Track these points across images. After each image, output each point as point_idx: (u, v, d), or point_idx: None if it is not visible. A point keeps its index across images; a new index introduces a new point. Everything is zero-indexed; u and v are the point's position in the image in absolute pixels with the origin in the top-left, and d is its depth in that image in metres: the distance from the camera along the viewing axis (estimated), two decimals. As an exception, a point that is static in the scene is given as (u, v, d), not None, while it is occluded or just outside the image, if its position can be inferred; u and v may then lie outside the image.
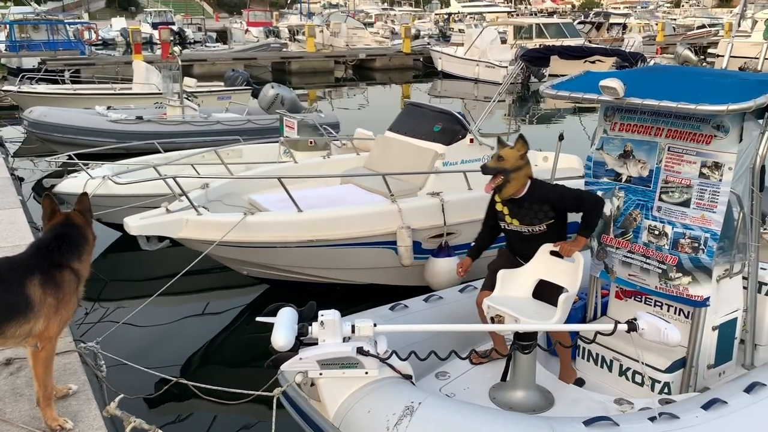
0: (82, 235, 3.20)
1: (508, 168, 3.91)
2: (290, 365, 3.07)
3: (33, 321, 2.93)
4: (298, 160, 8.20)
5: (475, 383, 4.18)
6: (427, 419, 3.03)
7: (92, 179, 7.69)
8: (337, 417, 3.20)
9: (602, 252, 4.25)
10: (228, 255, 6.09)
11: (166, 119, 12.88)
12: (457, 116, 6.90)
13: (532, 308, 3.91)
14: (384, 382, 3.24)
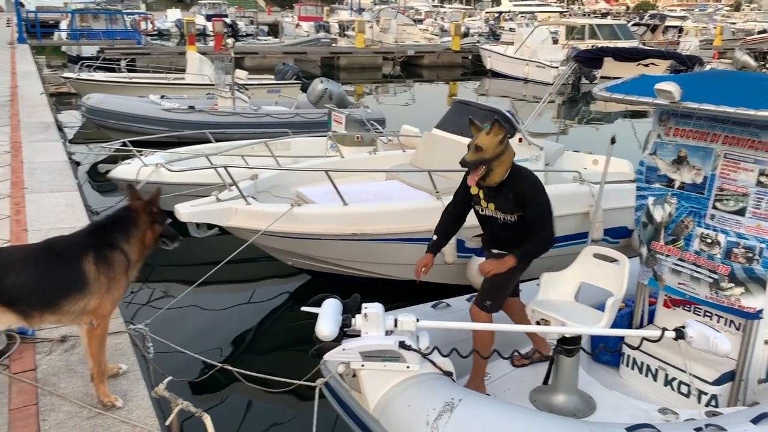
0: (132, 220, 3.28)
1: (488, 157, 3.71)
2: (333, 355, 3.10)
3: (87, 298, 3.03)
4: (345, 154, 8.26)
5: (516, 385, 4.17)
6: (467, 416, 3.03)
7: (145, 166, 7.91)
8: (377, 409, 3.23)
9: (651, 259, 4.17)
10: (274, 245, 6.18)
11: (217, 110, 13.12)
12: (506, 115, 6.83)
13: (577, 312, 3.86)
14: (425, 377, 3.25)
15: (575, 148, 8.76)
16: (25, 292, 2.93)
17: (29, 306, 2.96)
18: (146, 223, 3.32)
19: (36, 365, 3.56)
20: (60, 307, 3.01)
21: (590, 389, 4.05)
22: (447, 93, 26.80)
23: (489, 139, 3.73)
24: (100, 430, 3.02)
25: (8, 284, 2.92)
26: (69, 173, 7.54)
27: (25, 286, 2.94)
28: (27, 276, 2.96)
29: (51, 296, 2.98)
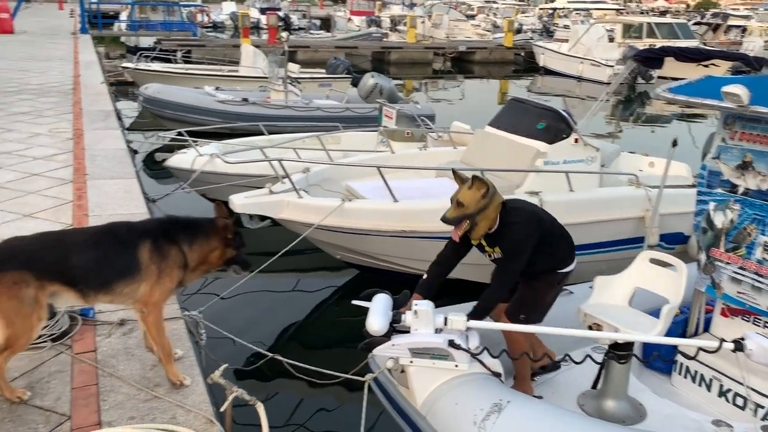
0: (204, 232, 3.34)
1: (470, 212, 3.54)
2: (382, 350, 3.12)
3: (137, 283, 3.13)
4: (395, 150, 8.27)
5: (563, 388, 4.11)
6: (515, 418, 3.00)
7: (200, 156, 8.09)
8: (424, 406, 3.23)
9: (710, 266, 4.05)
10: (323, 238, 6.24)
11: (270, 103, 13.29)
12: (562, 114, 6.71)
13: (630, 317, 3.78)
14: (473, 376, 3.24)
15: (629, 149, 8.56)
16: (84, 273, 3.05)
17: (87, 286, 3.08)
18: (217, 242, 3.36)
19: (96, 347, 3.69)
20: (113, 288, 3.12)
21: (640, 396, 3.96)
22: (498, 90, 26.52)
23: (471, 194, 3.56)
24: (156, 413, 3.11)
25: (71, 264, 3.04)
26: (128, 161, 7.76)
27: (85, 266, 3.06)
28: (88, 257, 3.08)
29: (105, 278, 3.09)
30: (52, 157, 7.72)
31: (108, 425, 3.00)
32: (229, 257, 3.42)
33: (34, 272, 2.93)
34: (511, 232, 3.63)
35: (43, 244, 3.09)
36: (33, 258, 2.97)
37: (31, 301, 2.93)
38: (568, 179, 6.25)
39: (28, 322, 2.94)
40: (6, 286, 2.88)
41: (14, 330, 2.93)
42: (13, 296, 2.89)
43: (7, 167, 7.21)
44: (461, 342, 3.12)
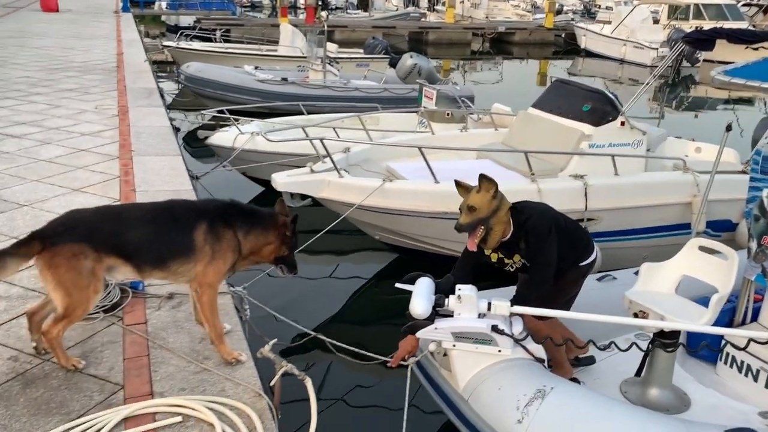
0: (263, 224, 3.32)
1: (484, 216, 3.38)
2: (425, 334, 3.12)
3: (192, 263, 3.16)
4: (435, 131, 8.21)
5: (606, 375, 4.05)
6: (558, 404, 2.97)
7: (241, 134, 8.17)
8: (466, 389, 3.23)
9: (761, 254, 3.95)
10: (363, 218, 6.26)
11: (308, 82, 13.32)
12: (609, 96, 6.58)
13: (677, 306, 3.70)
14: (517, 362, 3.22)
15: (674, 134, 8.36)
16: (139, 248, 3.11)
17: (142, 261, 3.14)
18: (274, 237, 3.35)
19: (146, 319, 3.78)
20: (168, 266, 3.16)
21: (684, 385, 3.90)
22: (537, 72, 26.10)
23: (480, 197, 3.42)
24: (206, 385, 3.17)
25: (128, 239, 3.10)
26: (172, 138, 7.87)
27: (140, 242, 3.12)
28: (143, 233, 3.13)
29: (160, 255, 3.14)
30: (98, 133, 7.88)
31: (160, 396, 3.08)
32: (281, 255, 3.40)
33: (92, 245, 3.00)
34: (529, 231, 3.47)
35: (102, 218, 3.15)
36: (91, 230, 3.04)
37: (88, 273, 3.00)
38: (613, 163, 6.14)
39: (85, 294, 3.02)
40: (65, 258, 2.95)
41: (72, 300, 3.02)
42: (72, 268, 2.96)
43: (56, 142, 7.38)
44: (505, 327, 3.12)
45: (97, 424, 2.83)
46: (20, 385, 3.11)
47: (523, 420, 2.95)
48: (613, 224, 6.12)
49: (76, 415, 2.91)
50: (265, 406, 3.02)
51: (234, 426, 2.87)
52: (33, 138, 7.53)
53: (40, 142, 7.39)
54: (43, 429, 2.80)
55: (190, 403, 2.98)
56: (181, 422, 2.89)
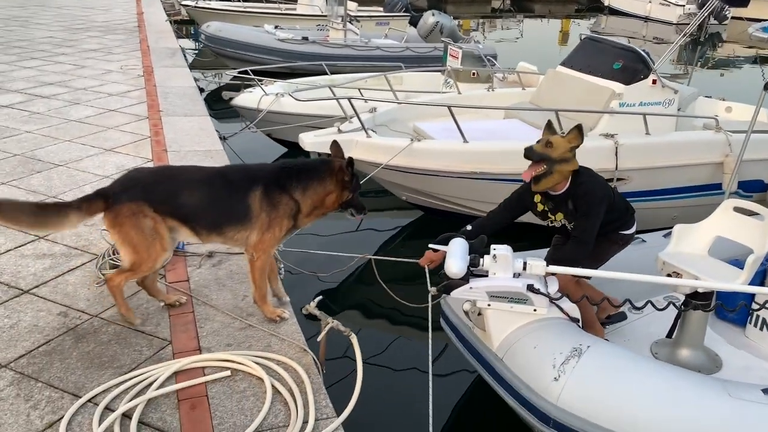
0: (319, 176, 3.27)
1: (554, 157, 3.43)
2: (461, 293, 3.11)
3: (248, 230, 3.18)
4: (461, 90, 8.14)
5: (636, 335, 4.03)
6: (595, 362, 2.96)
7: (266, 95, 8.14)
8: (501, 348, 3.23)
9: None
10: (391, 179, 6.26)
11: (329, 42, 13.18)
12: (641, 54, 6.45)
13: (711, 267, 3.67)
14: (552, 321, 3.20)
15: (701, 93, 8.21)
16: (194, 212, 3.15)
17: (198, 225, 3.18)
18: (333, 184, 3.30)
19: (188, 277, 3.87)
20: (224, 231, 3.19)
21: (716, 346, 3.87)
22: (559, 30, 25.57)
23: (562, 141, 3.49)
24: (251, 341, 3.26)
25: (181, 202, 3.14)
26: (198, 98, 7.90)
27: (196, 206, 3.15)
28: (199, 197, 3.16)
29: (216, 220, 3.16)
30: (126, 94, 7.92)
31: (207, 351, 3.18)
32: (345, 200, 3.37)
33: (149, 204, 3.06)
34: (583, 194, 3.51)
35: (158, 178, 3.19)
36: (148, 190, 3.09)
37: (150, 231, 3.07)
38: (645, 122, 6.06)
39: (151, 250, 3.09)
40: (126, 216, 3.03)
41: (138, 257, 3.10)
42: (134, 225, 3.04)
43: (85, 103, 7.44)
44: (540, 287, 3.09)
45: (150, 377, 2.94)
46: (72, 340, 3.21)
47: (559, 378, 2.94)
48: (643, 184, 6.08)
49: (128, 369, 3.01)
50: (310, 361, 3.11)
51: (282, 380, 2.96)
52: (62, 98, 7.59)
53: (69, 102, 7.44)
54: (97, 382, 2.91)
55: (238, 357, 3.08)
56: (230, 376, 2.98)
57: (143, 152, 5.90)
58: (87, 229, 4.39)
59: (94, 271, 3.86)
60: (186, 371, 3.01)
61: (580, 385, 2.90)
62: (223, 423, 2.69)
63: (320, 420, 2.74)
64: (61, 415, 2.68)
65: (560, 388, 2.92)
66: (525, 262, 3.04)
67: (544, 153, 3.46)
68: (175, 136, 6.35)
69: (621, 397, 2.84)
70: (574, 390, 2.89)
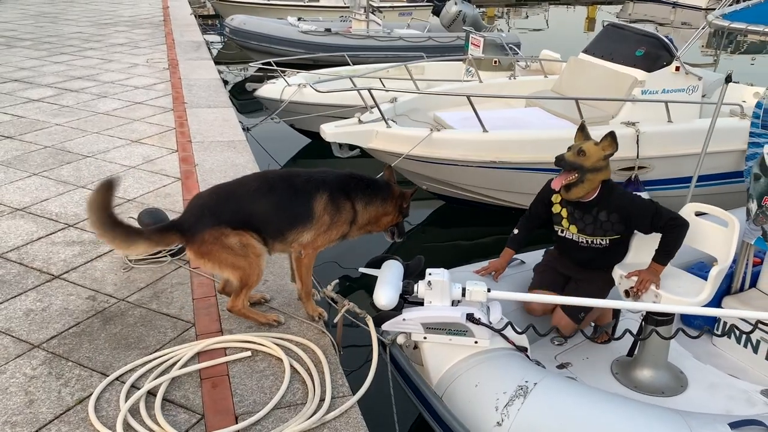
0: (381, 196, 3.29)
1: (586, 166, 3.28)
2: (393, 326, 2.80)
3: (307, 232, 3.18)
4: (482, 79, 8.14)
5: (596, 353, 3.72)
6: (542, 403, 2.63)
7: (288, 86, 8.25)
8: (440, 385, 2.90)
9: (762, 216, 3.67)
10: (411, 168, 6.32)
11: (352, 33, 13.25)
12: (663, 40, 6.39)
13: (673, 279, 3.33)
14: (495, 353, 2.87)
15: (735, 80, 8.09)
16: (263, 220, 3.13)
17: (266, 233, 3.16)
18: (392, 207, 3.33)
19: (211, 262, 3.96)
20: (286, 237, 3.17)
21: (681, 362, 3.58)
22: (585, 17, 25.26)
23: (596, 149, 3.34)
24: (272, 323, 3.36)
25: (250, 213, 3.11)
26: (222, 90, 8.02)
27: (263, 214, 3.13)
28: (265, 206, 3.13)
29: (280, 226, 3.15)
30: (151, 87, 8.08)
31: (228, 333, 3.28)
32: (394, 222, 3.40)
33: (226, 225, 3.06)
34: (633, 198, 3.46)
35: (221, 199, 3.15)
36: (218, 213, 3.08)
37: (239, 246, 3.08)
38: (667, 109, 6.01)
39: (250, 261, 3.11)
40: (210, 243, 3.04)
41: (242, 271, 3.12)
42: (222, 247, 3.05)
43: (112, 96, 7.61)
44: (481, 316, 2.75)
45: (174, 357, 3.04)
46: (100, 322, 3.34)
47: (503, 422, 2.62)
48: (665, 172, 6.05)
49: (153, 350, 3.13)
50: (328, 342, 3.19)
51: (300, 360, 3.04)
52: (90, 92, 7.78)
53: (97, 96, 7.63)
54: (124, 361, 3.03)
55: (258, 339, 3.17)
56: (250, 357, 3.08)
57: (168, 143, 6.04)
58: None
59: (121, 257, 3.98)
60: (208, 352, 3.11)
61: (525, 431, 2.60)
62: (243, 400, 2.79)
63: (336, 398, 2.82)
64: (90, 392, 2.80)
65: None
66: (464, 288, 2.75)
67: (576, 162, 3.30)
68: (199, 127, 6.48)
69: None
70: None
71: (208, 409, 2.73)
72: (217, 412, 2.71)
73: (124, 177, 5.24)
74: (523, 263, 3.94)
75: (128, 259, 3.94)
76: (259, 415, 2.68)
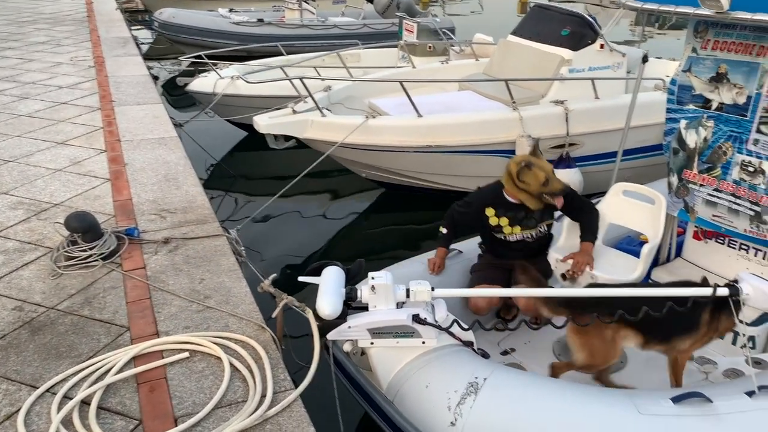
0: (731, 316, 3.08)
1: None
2: (338, 334, 2.73)
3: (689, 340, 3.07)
4: (416, 65, 8.17)
5: (537, 337, 3.72)
6: (493, 398, 2.63)
7: (221, 79, 8.08)
8: (390, 389, 2.86)
9: (683, 189, 3.79)
10: (349, 157, 6.30)
11: (285, 22, 13.07)
12: (587, 19, 6.55)
13: (606, 259, 3.45)
14: (443, 351, 2.86)
15: (656, 55, 8.37)
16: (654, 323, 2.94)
17: (652, 335, 3.08)
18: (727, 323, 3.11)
19: (145, 264, 3.87)
20: (671, 342, 3.09)
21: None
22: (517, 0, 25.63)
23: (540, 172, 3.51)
24: (209, 322, 3.30)
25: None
26: (152, 87, 7.80)
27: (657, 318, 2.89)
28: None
29: (669, 331, 3.06)
30: (76, 86, 7.78)
31: (165, 335, 3.21)
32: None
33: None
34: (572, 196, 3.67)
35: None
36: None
37: (610, 340, 3.03)
38: (593, 86, 6.17)
39: (606, 357, 3.08)
40: (594, 326, 2.95)
41: (594, 360, 3.08)
42: (597, 334, 3.01)
43: (34, 97, 7.30)
44: (427, 316, 2.74)
45: (108, 363, 2.96)
46: (28, 333, 3.22)
47: (456, 422, 2.61)
48: (594, 148, 6.22)
49: (86, 357, 3.03)
50: (268, 338, 3.16)
51: (240, 358, 3.01)
52: (10, 94, 7.44)
53: (18, 97, 7.30)
54: (55, 372, 2.92)
55: (195, 339, 3.11)
56: (188, 357, 3.02)
57: (96, 144, 5.84)
58: (41, 223, 4.37)
59: (48, 264, 3.85)
60: (144, 355, 3.04)
61: (479, 428, 2.60)
62: (182, 402, 2.74)
63: (279, 393, 2.80)
64: (19, 406, 2.70)
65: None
66: (408, 289, 2.71)
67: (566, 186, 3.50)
68: (129, 126, 6.29)
69: None
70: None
71: (146, 414, 2.67)
72: (156, 417, 2.66)
73: (50, 180, 5.04)
74: (461, 252, 4.00)
75: (57, 265, 3.80)
76: (199, 416, 2.64)
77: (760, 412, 2.55)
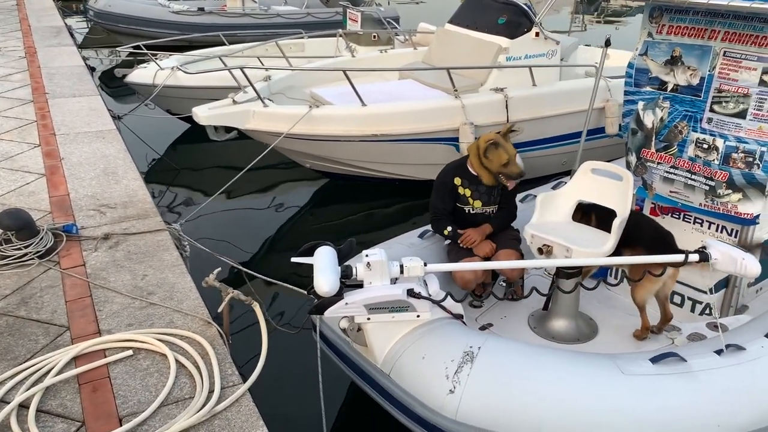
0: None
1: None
2: (336, 311, 2.76)
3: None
4: (360, 54, 8.17)
5: (512, 311, 3.97)
6: (489, 365, 2.76)
7: (161, 70, 7.90)
8: (386, 363, 2.96)
9: (641, 167, 3.97)
10: (292, 147, 6.26)
11: (227, 11, 12.85)
12: (522, 8, 6.67)
13: (578, 234, 3.60)
14: (437, 324, 2.99)
15: (595, 44, 8.62)
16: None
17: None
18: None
19: (84, 261, 3.79)
20: None
21: (587, 308, 3.93)
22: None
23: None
24: (153, 319, 3.27)
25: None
26: (88, 78, 7.57)
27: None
28: None
29: None
30: (6, 77, 7.49)
31: (107, 333, 3.16)
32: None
33: None
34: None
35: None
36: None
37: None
38: (531, 74, 6.32)
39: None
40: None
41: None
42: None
43: (-40, 91, 7.00)
44: (421, 290, 2.83)
45: (47, 364, 2.90)
46: (-38, 337, 3.12)
47: (455, 389, 2.72)
48: (533, 134, 6.38)
49: (24, 359, 2.96)
50: (215, 333, 3.15)
51: (186, 354, 2.99)
52: (-66, 88, 7.11)
53: (-57, 91, 6.99)
54: (-10, 376, 2.86)
55: (139, 336, 3.08)
56: (132, 356, 2.99)
57: (30, 138, 5.65)
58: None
59: (-18, 265, 3.73)
60: (86, 355, 2.99)
61: (477, 394, 2.71)
62: (127, 401, 2.71)
63: (227, 388, 2.80)
64: (-47, 413, 2.63)
65: (458, 401, 2.71)
66: (402, 265, 2.79)
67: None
68: (64, 119, 6.09)
69: (521, 400, 2.67)
70: (472, 400, 2.70)
71: (89, 415, 2.64)
72: (99, 417, 2.63)
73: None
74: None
75: (-9, 266, 3.69)
76: (144, 414, 2.62)
77: (729, 367, 2.81)
